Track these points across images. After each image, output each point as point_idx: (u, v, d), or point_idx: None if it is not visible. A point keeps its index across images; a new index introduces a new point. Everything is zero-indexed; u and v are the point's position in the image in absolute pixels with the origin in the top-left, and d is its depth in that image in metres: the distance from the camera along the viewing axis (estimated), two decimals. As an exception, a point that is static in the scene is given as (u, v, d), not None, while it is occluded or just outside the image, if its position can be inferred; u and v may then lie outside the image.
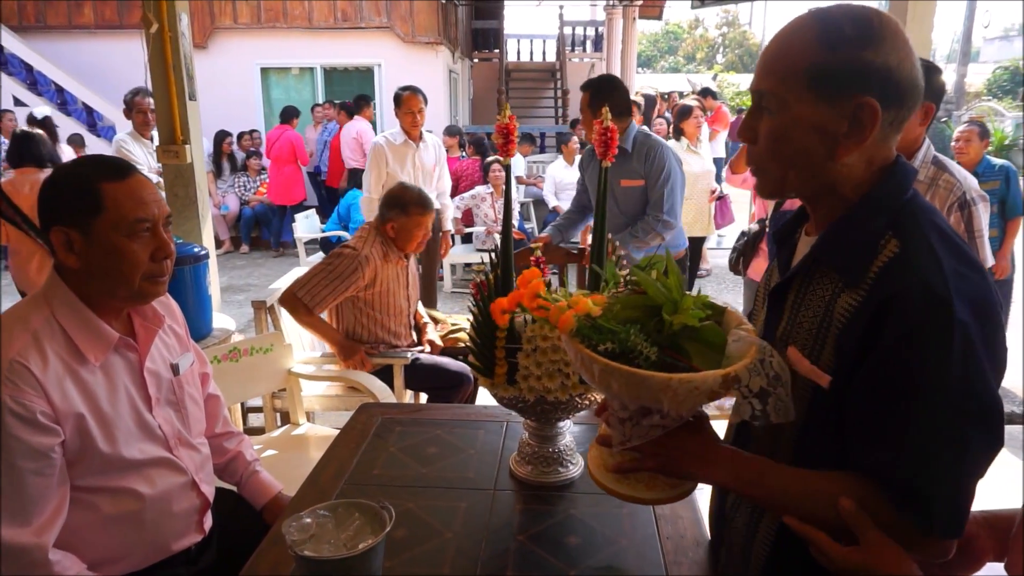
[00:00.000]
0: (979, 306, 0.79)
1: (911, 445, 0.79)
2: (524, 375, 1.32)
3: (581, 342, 0.90)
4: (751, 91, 0.93)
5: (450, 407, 1.83)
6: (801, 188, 0.92)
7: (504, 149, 1.32)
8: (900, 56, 0.83)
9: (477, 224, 6.13)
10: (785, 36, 0.88)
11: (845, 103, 0.83)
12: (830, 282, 0.90)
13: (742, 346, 0.88)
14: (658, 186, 2.97)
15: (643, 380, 0.83)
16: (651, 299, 0.93)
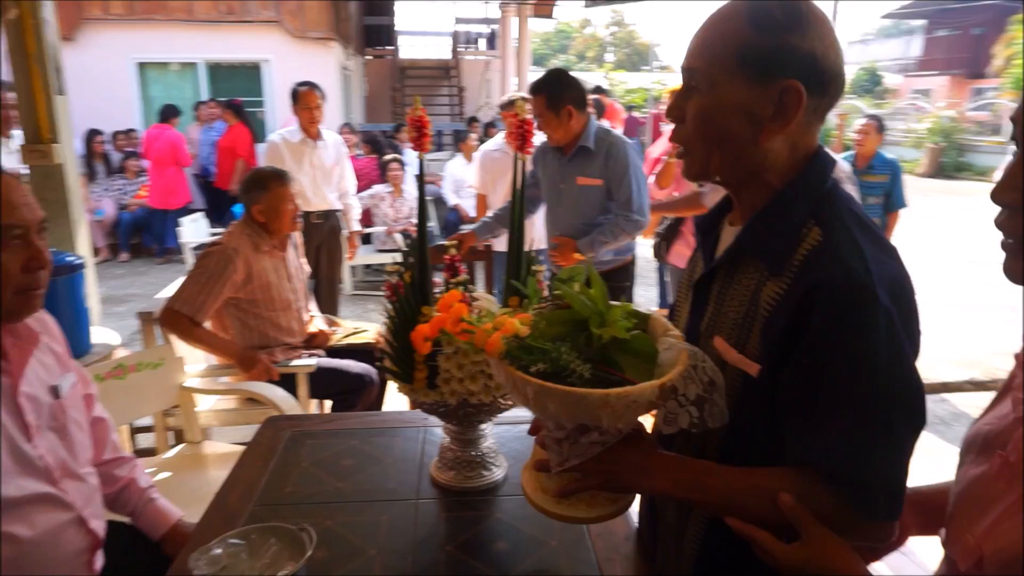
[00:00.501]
0: (896, 290, 0.81)
1: (847, 432, 0.80)
2: (446, 378, 1.27)
3: (511, 364, 0.86)
4: (681, 70, 0.92)
5: (363, 415, 1.75)
6: (725, 171, 0.92)
7: (418, 143, 1.26)
8: (825, 44, 0.84)
9: (377, 224, 5.98)
10: (717, 17, 0.88)
11: (771, 86, 0.84)
12: (755, 271, 0.90)
13: (673, 354, 0.87)
14: (624, 184, 2.82)
15: (581, 399, 0.80)
16: (577, 313, 0.91)
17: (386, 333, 1.33)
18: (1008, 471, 0.65)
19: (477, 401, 1.28)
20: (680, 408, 0.83)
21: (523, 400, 0.85)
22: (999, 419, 0.73)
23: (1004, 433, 0.70)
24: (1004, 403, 0.75)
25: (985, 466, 0.71)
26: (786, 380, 0.84)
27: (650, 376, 0.85)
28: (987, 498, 0.68)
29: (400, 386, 1.32)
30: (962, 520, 0.71)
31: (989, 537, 0.65)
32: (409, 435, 1.63)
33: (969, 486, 0.73)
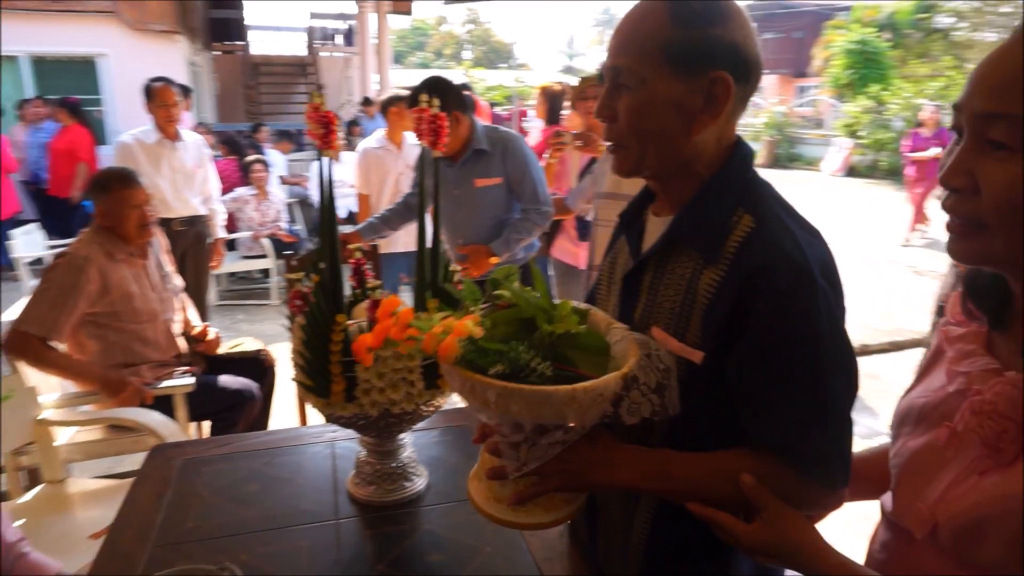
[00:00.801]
0: (827, 270, 0.85)
1: (800, 411, 0.83)
2: (365, 389, 1.20)
3: (466, 368, 0.82)
4: (606, 69, 0.92)
5: (262, 435, 1.62)
6: (659, 165, 0.93)
7: (326, 140, 1.17)
8: (745, 33, 0.87)
9: (241, 229, 5.63)
10: (637, 14, 0.89)
11: (700, 78, 0.86)
12: (689, 260, 0.91)
13: (625, 345, 0.86)
14: (528, 178, 2.75)
15: (547, 397, 0.77)
16: (522, 312, 0.88)
17: (296, 345, 1.24)
18: (956, 441, 0.70)
19: (399, 410, 1.22)
20: (643, 398, 0.83)
21: (481, 404, 0.81)
22: (933, 392, 0.78)
23: (943, 405, 0.75)
24: (935, 375, 0.80)
25: (925, 437, 0.76)
26: (734, 366, 0.86)
27: (604, 370, 0.84)
28: (934, 467, 0.73)
29: (315, 401, 1.23)
30: (910, 490, 0.76)
31: (942, 504, 0.70)
32: (317, 451, 1.54)
33: (913, 457, 0.77)
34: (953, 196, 0.67)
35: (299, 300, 1.24)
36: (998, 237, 0.64)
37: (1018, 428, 0.64)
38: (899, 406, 0.84)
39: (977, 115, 0.65)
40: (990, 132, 0.63)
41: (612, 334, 0.90)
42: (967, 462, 0.69)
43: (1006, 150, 0.62)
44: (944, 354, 0.80)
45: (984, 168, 0.64)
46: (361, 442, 1.38)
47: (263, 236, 5.53)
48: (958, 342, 0.77)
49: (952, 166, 0.67)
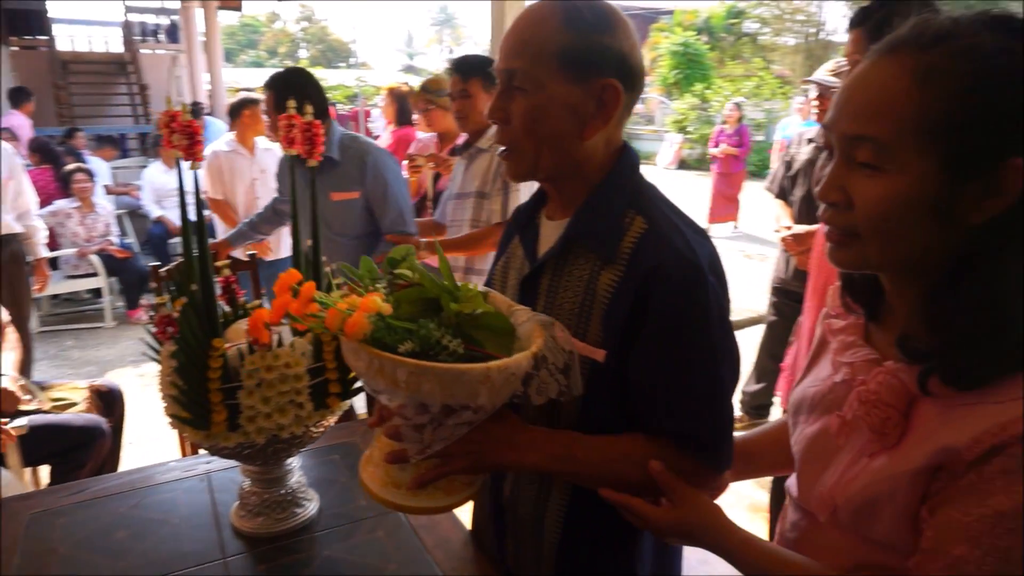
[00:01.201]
0: (714, 266, 0.91)
1: (693, 399, 0.89)
2: (250, 416, 1.12)
3: (374, 347, 0.79)
4: (500, 71, 0.93)
5: (126, 475, 1.47)
6: (552, 168, 0.95)
7: (190, 152, 1.08)
8: (631, 43, 0.91)
9: (64, 246, 5.07)
10: (531, 21, 0.91)
11: (592, 84, 0.89)
12: (586, 262, 0.94)
13: (530, 326, 0.88)
14: (390, 198, 2.49)
15: (460, 375, 0.77)
16: (426, 291, 0.87)
17: (167, 375, 1.14)
18: (847, 428, 0.77)
19: (288, 435, 1.16)
20: (551, 377, 0.85)
21: (390, 384, 0.79)
22: (821, 381, 0.86)
23: (831, 393, 0.83)
24: (821, 366, 0.88)
25: (818, 425, 0.83)
26: (634, 359, 0.90)
27: (510, 351, 0.85)
28: (829, 453, 0.80)
29: (193, 434, 1.14)
30: (810, 476, 0.83)
31: (839, 487, 0.77)
32: (191, 486, 1.42)
33: (810, 444, 0.84)
34: (830, 209, 0.74)
35: (168, 326, 1.14)
36: (870, 246, 0.71)
37: (899, 415, 0.71)
38: (793, 395, 0.91)
39: (844, 137, 0.71)
40: (856, 152, 0.69)
41: (516, 316, 0.91)
42: (858, 447, 0.76)
43: (871, 168, 0.68)
44: (828, 345, 0.88)
45: (855, 184, 0.70)
46: (243, 471, 1.29)
47: (91, 252, 5.01)
48: (840, 334, 0.85)
49: (827, 182, 0.73)
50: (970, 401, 0.66)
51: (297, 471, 1.32)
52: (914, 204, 0.66)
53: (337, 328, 0.79)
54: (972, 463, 0.64)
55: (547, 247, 1.01)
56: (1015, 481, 0.61)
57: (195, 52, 12.12)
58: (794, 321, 3.11)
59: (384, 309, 0.79)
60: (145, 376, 4.17)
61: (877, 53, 0.70)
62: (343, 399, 1.22)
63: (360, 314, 0.78)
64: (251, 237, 2.88)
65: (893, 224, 0.68)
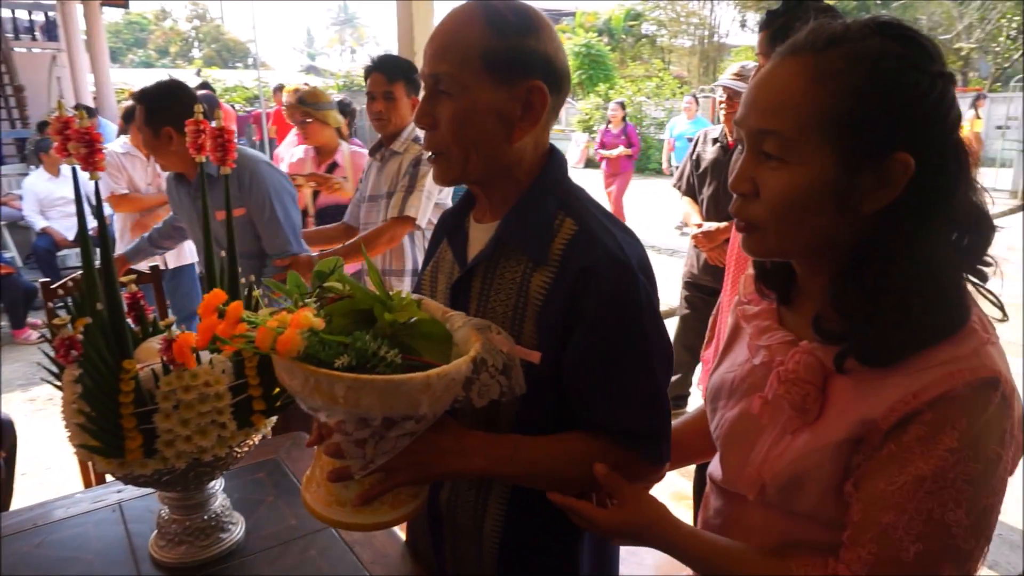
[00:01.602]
0: (644, 265, 0.93)
1: (629, 395, 0.90)
2: (168, 440, 1.05)
3: (309, 363, 0.76)
4: (425, 75, 0.91)
5: (26, 512, 1.36)
6: (481, 172, 0.94)
7: (89, 161, 1.00)
8: (555, 46, 0.91)
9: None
10: (455, 23, 0.90)
11: (518, 87, 0.89)
12: (518, 263, 0.94)
13: (466, 331, 0.87)
14: (270, 218, 2.22)
15: (400, 385, 0.75)
16: (359, 303, 0.85)
17: (70, 401, 1.05)
18: (769, 408, 0.80)
19: (211, 458, 1.10)
20: (491, 379, 0.84)
21: (328, 401, 0.76)
22: (739, 366, 0.89)
23: (750, 376, 0.86)
24: (737, 351, 0.92)
25: (739, 407, 0.86)
26: (569, 359, 0.90)
27: (448, 357, 0.84)
28: (752, 434, 0.83)
29: (104, 463, 1.06)
30: (736, 457, 0.86)
31: (765, 465, 0.80)
32: (101, 518, 1.32)
33: (732, 427, 0.87)
34: (739, 199, 0.78)
35: (71, 348, 1.05)
36: (772, 233, 0.76)
37: (818, 390, 0.75)
38: (711, 382, 0.94)
39: (752, 131, 0.76)
40: (763, 146, 0.74)
41: (451, 322, 0.90)
42: (780, 425, 0.80)
43: (777, 160, 0.73)
44: (742, 331, 0.92)
45: (762, 176, 0.75)
46: (160, 498, 1.21)
47: (-34, 269, 4.61)
48: (754, 319, 0.88)
49: (738, 174, 0.77)
50: (882, 375, 0.71)
51: (220, 494, 1.25)
52: (814, 193, 0.72)
53: (269, 347, 0.75)
54: (888, 432, 0.69)
55: (477, 250, 1.00)
56: (930, 447, 0.67)
57: (77, 51, 11.35)
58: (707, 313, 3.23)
59: (316, 324, 0.76)
60: (36, 400, 3.87)
61: (780, 55, 0.76)
62: (268, 416, 1.17)
63: (292, 331, 0.75)
64: (151, 252, 2.70)
65: (794, 212, 0.73)
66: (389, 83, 2.43)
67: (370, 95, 2.48)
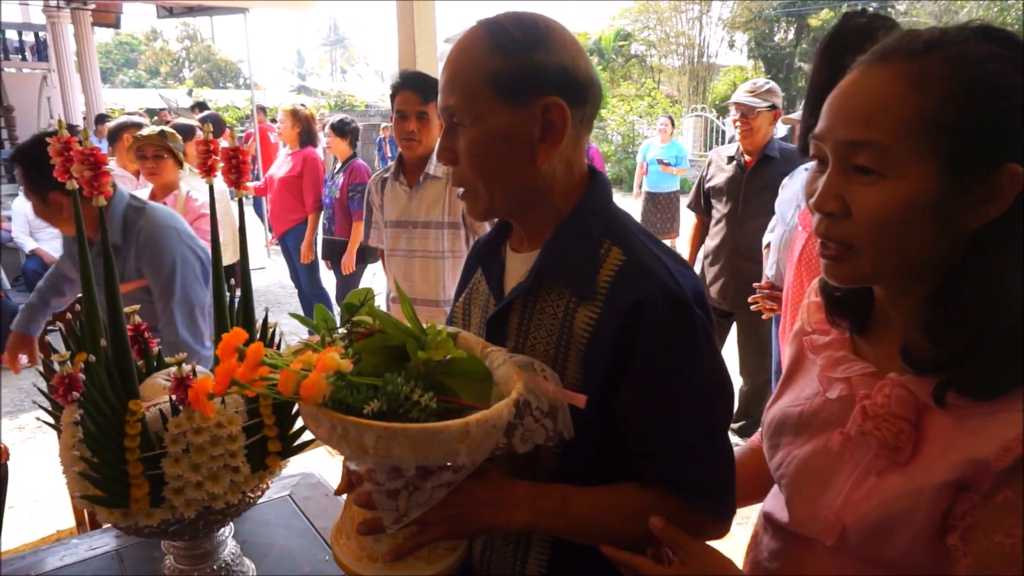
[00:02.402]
0: (700, 298, 0.86)
1: (690, 443, 0.82)
2: (177, 488, 0.97)
3: (336, 409, 0.69)
4: (440, 110, 0.86)
5: (22, 559, 1.26)
6: (510, 202, 0.88)
7: (95, 184, 0.93)
8: (572, 54, 0.84)
9: (-81, 287, 4.52)
10: (460, 51, 0.84)
11: (532, 106, 0.82)
12: (559, 297, 0.87)
13: (507, 369, 0.79)
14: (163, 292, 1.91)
15: (436, 435, 0.67)
16: (390, 339, 0.77)
17: (69, 447, 0.97)
18: (851, 445, 0.73)
19: (223, 505, 1.01)
20: (536, 423, 0.76)
21: (357, 451, 0.68)
22: (806, 400, 0.81)
23: (823, 411, 0.78)
24: (803, 384, 0.84)
25: (812, 444, 0.79)
26: (621, 403, 0.83)
27: (487, 398, 0.77)
28: (827, 473, 0.76)
29: (107, 514, 0.97)
30: (806, 498, 0.78)
31: (847, 508, 0.72)
32: (99, 567, 1.23)
33: (802, 466, 0.79)
34: (826, 220, 0.71)
35: (71, 388, 0.97)
36: (867, 256, 0.69)
37: (912, 427, 0.68)
38: (769, 416, 0.87)
39: (840, 144, 0.69)
40: (855, 159, 0.68)
41: (491, 359, 0.82)
42: (863, 464, 0.72)
43: (872, 175, 0.67)
44: (808, 362, 0.85)
45: (853, 193, 0.68)
46: (166, 546, 1.13)
47: (-48, 293, 4.48)
48: (825, 350, 0.81)
49: (823, 192, 0.70)
50: (989, 411, 0.64)
51: (230, 541, 1.17)
52: (914, 209, 0.66)
53: (292, 393, 0.68)
54: (1003, 477, 0.62)
55: (514, 282, 0.93)
56: None
57: (67, 71, 11.29)
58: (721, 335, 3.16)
59: (343, 366, 0.68)
60: (25, 428, 3.74)
61: (865, 63, 0.70)
62: (284, 457, 1.08)
63: (317, 375, 0.67)
64: (46, 313, 2.27)
65: (893, 231, 0.67)
66: (423, 103, 2.31)
67: (401, 114, 2.34)
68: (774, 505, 0.86)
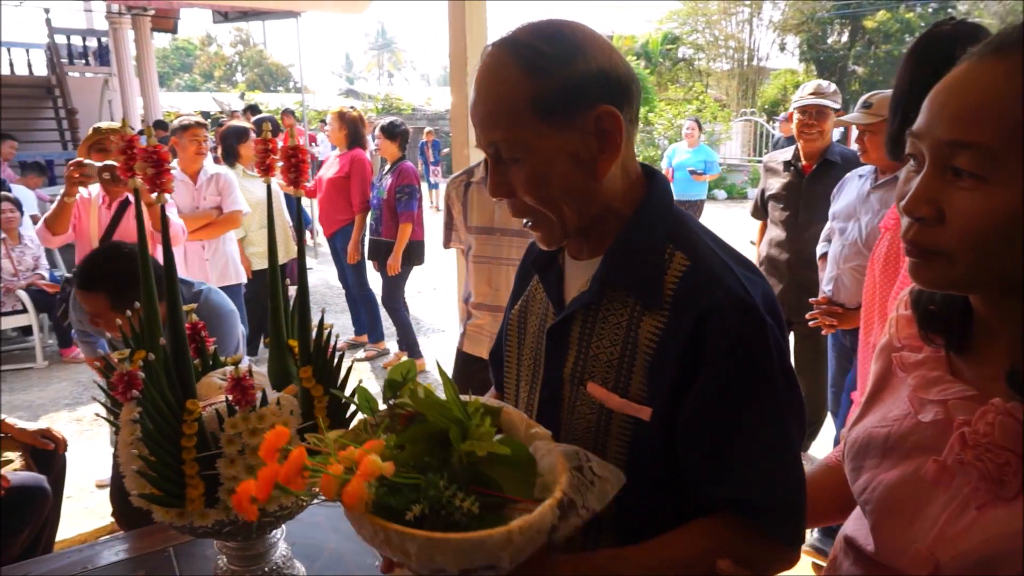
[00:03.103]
0: (770, 305, 0.81)
1: (761, 460, 0.78)
2: (232, 489, 0.96)
3: (378, 510, 0.67)
4: (484, 146, 0.82)
5: (85, 550, 1.28)
6: (580, 221, 0.84)
7: (158, 181, 0.93)
8: (606, 54, 0.79)
9: (-14, 281, 4.70)
10: (491, 81, 0.79)
11: (584, 120, 0.78)
12: (623, 306, 0.83)
13: (552, 459, 0.75)
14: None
15: (480, 544, 0.64)
16: (433, 426, 0.74)
17: (128, 445, 0.97)
18: (947, 475, 0.68)
19: (277, 507, 1.00)
20: (580, 520, 0.73)
21: (400, 555, 0.66)
22: (895, 421, 0.76)
23: (915, 434, 0.73)
24: (889, 403, 0.79)
25: (900, 470, 0.73)
26: (686, 418, 0.78)
27: (531, 489, 0.73)
28: (918, 502, 0.70)
29: (164, 513, 0.97)
30: (894, 527, 0.72)
31: (942, 543, 0.67)
32: (153, 564, 1.24)
33: (889, 492, 0.74)
34: (916, 225, 0.65)
35: (131, 386, 0.97)
36: (961, 264, 0.63)
37: (1019, 460, 0.62)
38: (854, 435, 0.81)
39: (940, 144, 0.63)
40: (955, 161, 0.62)
41: (536, 446, 0.78)
42: (961, 496, 0.67)
43: (973, 178, 0.61)
44: (895, 379, 0.79)
45: (950, 197, 0.62)
46: (219, 546, 1.12)
47: (18, 288, 4.65)
48: (918, 368, 0.75)
49: (916, 195, 0.65)
50: None
51: (282, 543, 1.16)
52: (1017, 220, 0.59)
53: (333, 497, 0.66)
54: None
55: (575, 290, 0.89)
56: None
57: (127, 75, 11.66)
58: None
59: (385, 470, 0.66)
60: (83, 421, 3.85)
61: (977, 55, 0.63)
62: (337, 461, 1.07)
63: (359, 481, 0.65)
64: None
65: (991, 242, 0.61)
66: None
67: None
68: (856, 530, 0.81)
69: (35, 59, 12.10)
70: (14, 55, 12.02)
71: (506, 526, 0.66)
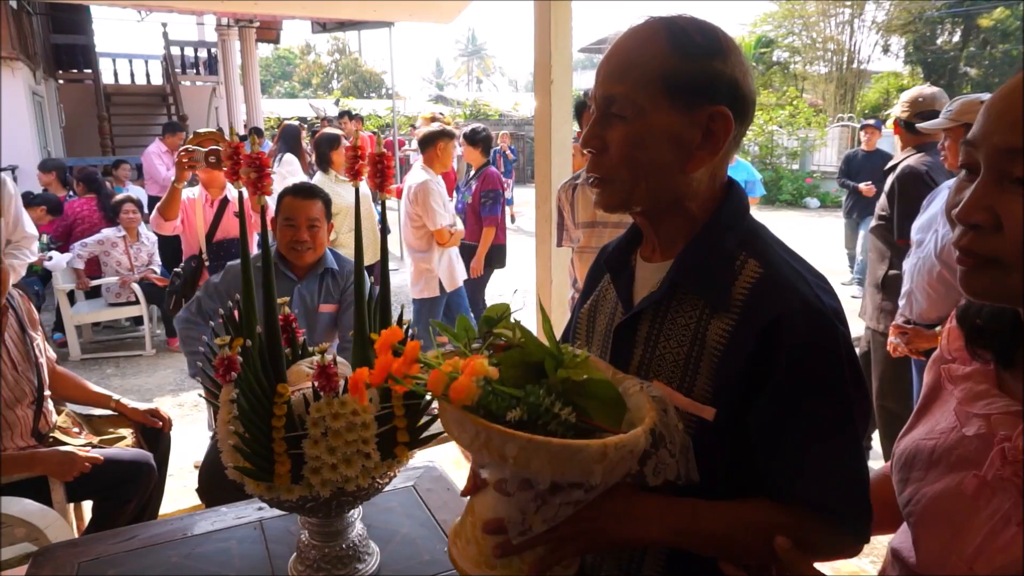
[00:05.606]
0: (839, 313, 0.82)
1: (833, 463, 0.79)
2: (315, 468, 1.05)
3: (479, 414, 0.71)
4: (597, 97, 0.85)
5: (178, 521, 1.41)
6: (649, 200, 0.87)
7: (259, 185, 1.03)
8: (744, 70, 0.83)
9: (107, 274, 5.11)
10: (635, 42, 0.83)
11: (699, 112, 0.81)
12: (692, 308, 0.86)
13: (640, 399, 0.79)
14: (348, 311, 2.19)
15: (576, 452, 0.68)
16: (530, 355, 0.79)
17: (226, 422, 1.07)
18: (987, 491, 0.67)
19: (354, 487, 1.08)
20: (671, 458, 0.76)
21: (496, 458, 0.70)
22: (942, 433, 0.75)
23: (959, 448, 0.72)
24: (939, 415, 0.78)
25: (943, 483, 0.73)
26: (758, 419, 0.80)
27: (619, 423, 0.76)
28: (960, 517, 0.70)
29: (255, 486, 1.07)
30: (935, 540, 0.72)
31: (981, 559, 0.66)
32: (244, 535, 1.35)
33: (932, 505, 0.74)
34: (970, 232, 0.65)
35: (231, 368, 1.07)
36: (1017, 274, 0.62)
37: None
38: (901, 447, 0.81)
39: (997, 151, 0.63)
40: (1013, 168, 0.61)
41: (624, 386, 0.82)
42: (1002, 512, 0.66)
43: None
44: (945, 391, 0.78)
45: (1007, 205, 0.62)
46: (302, 522, 1.21)
47: (133, 281, 5.04)
48: (965, 381, 0.74)
49: (971, 202, 0.64)
50: None
51: (359, 523, 1.24)
52: None
53: (441, 392, 0.70)
54: None
55: (644, 291, 0.92)
56: None
57: (233, 83, 12.38)
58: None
59: (491, 373, 0.70)
60: (184, 406, 4.14)
61: None
62: (411, 448, 1.14)
63: (467, 377, 0.69)
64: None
65: None
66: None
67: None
68: (902, 542, 0.80)
69: (152, 69, 13.02)
70: (136, 66, 12.98)
71: (601, 439, 0.69)
